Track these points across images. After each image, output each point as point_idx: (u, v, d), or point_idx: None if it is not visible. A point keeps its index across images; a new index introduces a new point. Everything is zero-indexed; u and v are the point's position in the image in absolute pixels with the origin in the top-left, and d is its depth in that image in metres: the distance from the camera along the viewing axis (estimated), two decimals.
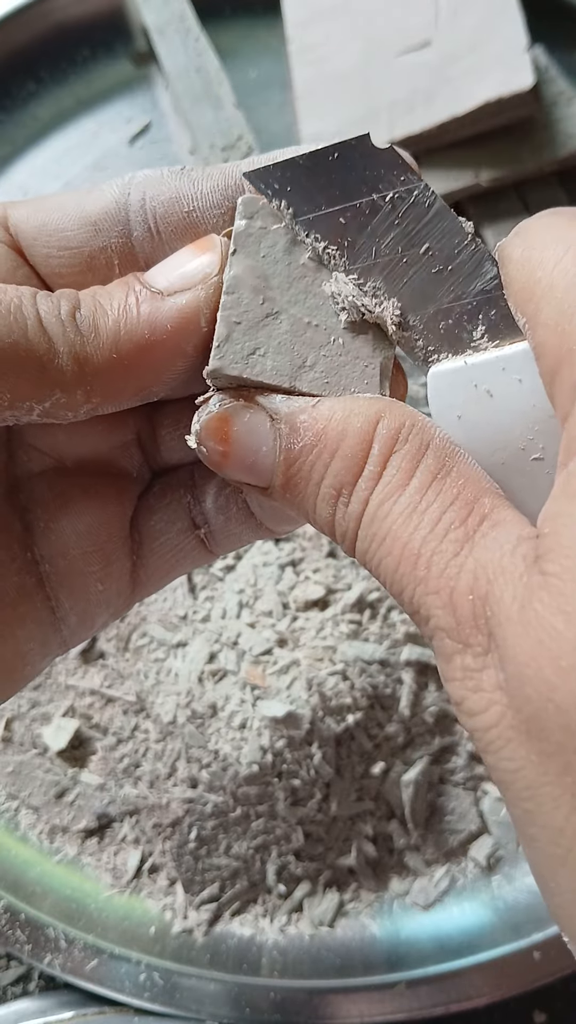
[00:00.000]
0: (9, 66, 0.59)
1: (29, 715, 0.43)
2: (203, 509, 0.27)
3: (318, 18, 0.55)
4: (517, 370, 0.21)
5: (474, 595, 0.19)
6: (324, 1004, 0.37)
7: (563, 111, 0.52)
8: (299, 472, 0.22)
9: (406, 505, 0.20)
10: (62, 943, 0.38)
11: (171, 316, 0.22)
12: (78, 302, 0.22)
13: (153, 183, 0.24)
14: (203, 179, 0.24)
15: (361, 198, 0.22)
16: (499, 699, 0.18)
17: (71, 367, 0.22)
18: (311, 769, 0.40)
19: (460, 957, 0.38)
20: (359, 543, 0.21)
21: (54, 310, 0.22)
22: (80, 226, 0.24)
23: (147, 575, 0.28)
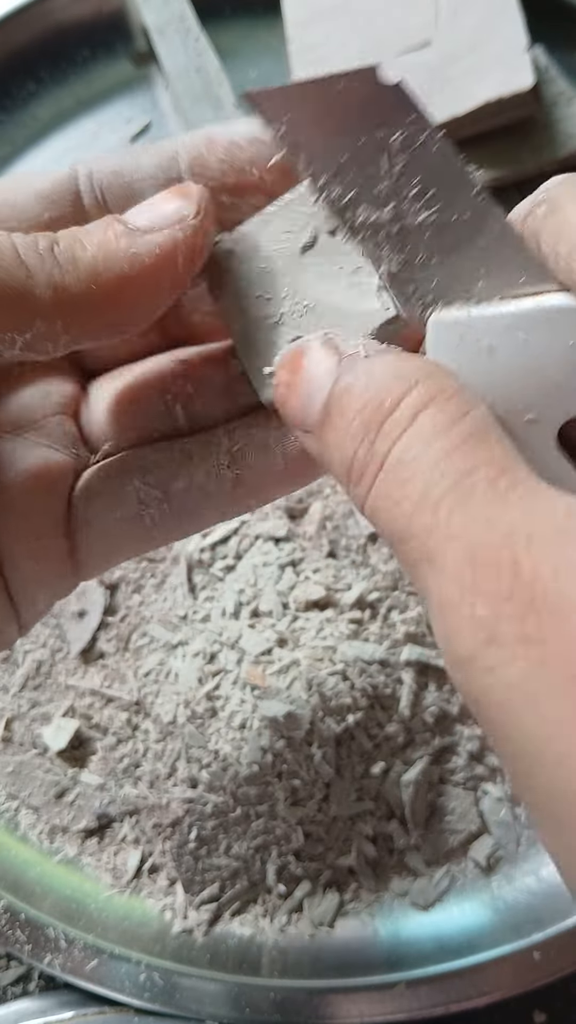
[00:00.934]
0: (9, 66, 0.59)
1: (29, 715, 0.43)
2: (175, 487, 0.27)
3: (318, 18, 0.55)
4: (523, 329, 0.21)
5: (504, 543, 0.18)
6: (324, 1004, 0.37)
7: (563, 111, 0.52)
8: (338, 405, 0.22)
9: (436, 454, 0.20)
10: (62, 943, 0.38)
11: (149, 251, 0.23)
12: (56, 238, 0.23)
13: (98, 160, 0.25)
14: (142, 153, 0.25)
15: (364, 135, 0.21)
16: (524, 653, 0.17)
17: (50, 295, 0.22)
18: (311, 769, 0.40)
19: (460, 957, 0.38)
20: (376, 485, 0.20)
21: (32, 244, 0.22)
22: (35, 199, 0.25)
23: (86, 557, 0.28)
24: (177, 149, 0.25)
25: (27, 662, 0.44)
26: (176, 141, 0.25)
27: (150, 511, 0.27)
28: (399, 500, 0.20)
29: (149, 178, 0.25)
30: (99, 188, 0.25)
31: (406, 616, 0.43)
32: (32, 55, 0.59)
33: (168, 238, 0.23)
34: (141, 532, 0.28)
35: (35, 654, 0.44)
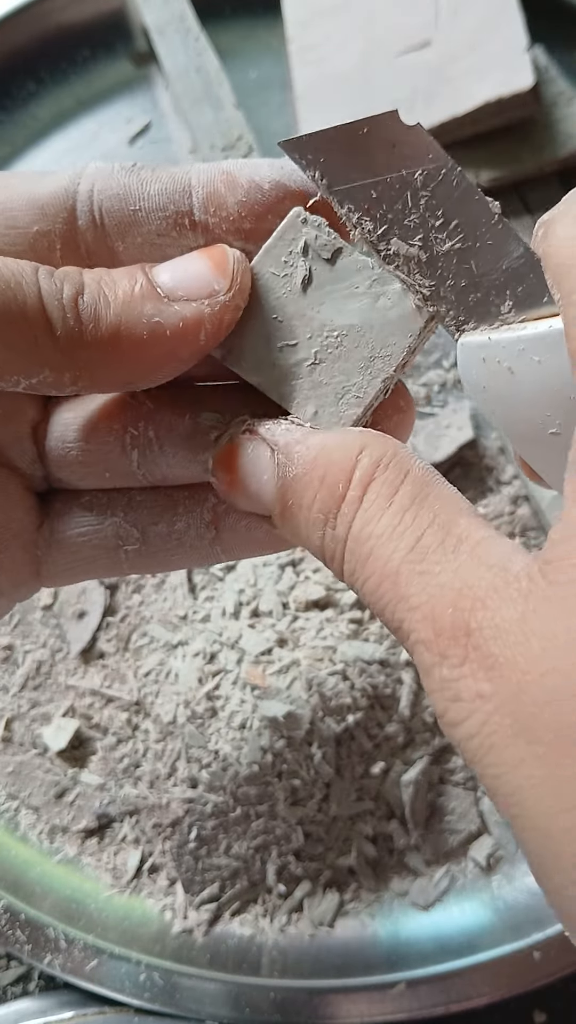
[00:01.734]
0: (9, 66, 0.59)
1: (29, 715, 0.43)
2: None
3: (318, 18, 0.55)
4: (537, 352, 0.22)
5: (454, 608, 0.20)
6: (324, 1004, 0.37)
7: (563, 111, 0.52)
8: (293, 500, 0.23)
9: (386, 527, 0.21)
10: (62, 943, 0.38)
11: (172, 324, 0.22)
12: (82, 286, 0.22)
13: (103, 176, 0.24)
14: (152, 180, 0.24)
15: (391, 173, 0.23)
16: (480, 707, 0.19)
17: (65, 351, 0.22)
18: (311, 769, 0.40)
19: (460, 957, 0.38)
20: (346, 565, 0.22)
21: (56, 292, 0.22)
22: (28, 208, 0.24)
23: (51, 573, 0.28)
24: (191, 180, 0.24)
25: (27, 662, 0.44)
26: (190, 171, 0.24)
27: (125, 547, 0.27)
28: (366, 577, 0.21)
29: (156, 209, 0.24)
30: (99, 208, 0.24)
31: None
32: (32, 55, 0.59)
33: (195, 313, 0.23)
34: (112, 562, 0.28)
35: (35, 654, 0.44)
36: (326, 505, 0.22)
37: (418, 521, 0.21)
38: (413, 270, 0.23)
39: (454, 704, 0.19)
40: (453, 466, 0.46)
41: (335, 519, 0.22)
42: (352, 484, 0.22)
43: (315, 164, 0.23)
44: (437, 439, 0.46)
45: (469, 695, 0.19)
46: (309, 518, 0.23)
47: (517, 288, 0.23)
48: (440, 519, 0.21)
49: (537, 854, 0.18)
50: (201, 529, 0.27)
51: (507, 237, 0.23)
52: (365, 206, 0.23)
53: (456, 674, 0.19)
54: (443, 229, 0.23)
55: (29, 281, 0.21)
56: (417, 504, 0.21)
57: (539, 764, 0.18)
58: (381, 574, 0.21)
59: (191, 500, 0.27)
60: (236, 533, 0.27)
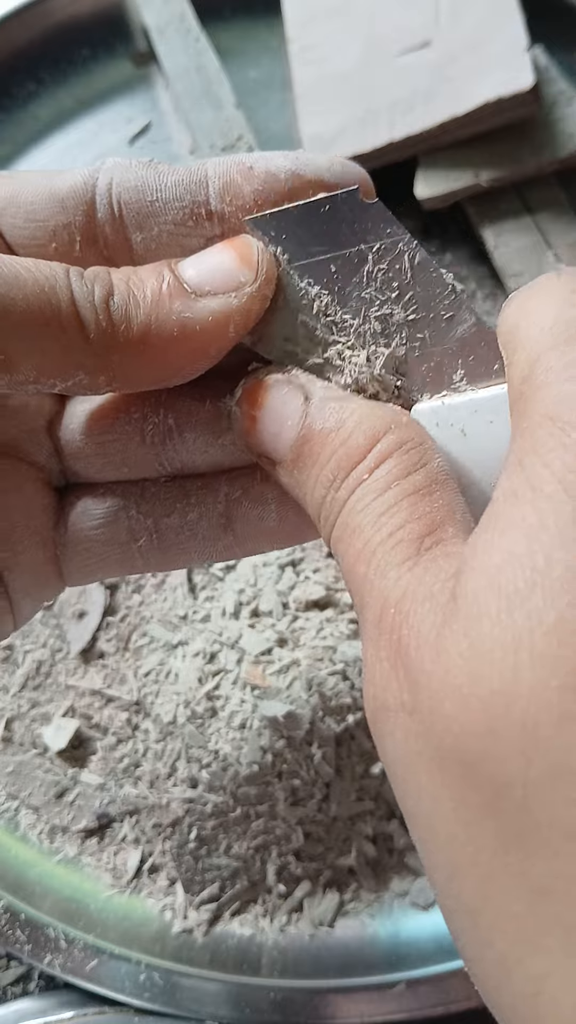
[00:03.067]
0: (9, 66, 0.59)
1: (29, 715, 0.43)
2: None
3: (318, 18, 0.55)
4: (489, 412, 0.23)
5: (396, 610, 0.19)
6: (324, 1004, 0.37)
7: (563, 111, 0.52)
8: (310, 451, 0.23)
9: (381, 505, 0.21)
10: (62, 943, 0.38)
11: (202, 319, 0.23)
12: (112, 287, 0.22)
13: (121, 170, 0.24)
14: (168, 173, 0.24)
15: (350, 248, 0.24)
16: (403, 721, 0.18)
17: (99, 354, 0.22)
18: (311, 769, 0.40)
19: (460, 957, 0.38)
20: (335, 530, 0.22)
21: (88, 294, 0.22)
22: (48, 201, 0.24)
23: (71, 573, 0.28)
24: (207, 171, 0.24)
25: (27, 662, 0.44)
26: (206, 163, 0.24)
27: (139, 542, 0.27)
28: (347, 549, 0.21)
29: (173, 200, 0.24)
30: (117, 201, 0.24)
31: None
32: (32, 55, 0.59)
33: (223, 306, 0.23)
34: (126, 558, 0.28)
35: (35, 654, 0.44)
36: (339, 466, 0.22)
37: (412, 510, 0.21)
38: (368, 341, 0.24)
39: (383, 714, 0.19)
40: None
41: (341, 483, 0.22)
42: (370, 455, 0.22)
43: (278, 240, 0.24)
44: None
45: (395, 705, 0.19)
46: (319, 475, 0.23)
47: (469, 357, 0.24)
48: (431, 517, 0.21)
49: (445, 897, 0.18)
50: (214, 520, 0.27)
51: (460, 307, 0.24)
52: (324, 279, 0.24)
53: (385, 680, 0.19)
54: (397, 301, 0.24)
55: (62, 285, 0.22)
56: (419, 496, 0.21)
57: (447, 792, 0.17)
58: (359, 550, 0.21)
59: (204, 491, 0.27)
60: (248, 523, 0.27)
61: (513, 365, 0.21)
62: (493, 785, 0.16)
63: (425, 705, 0.18)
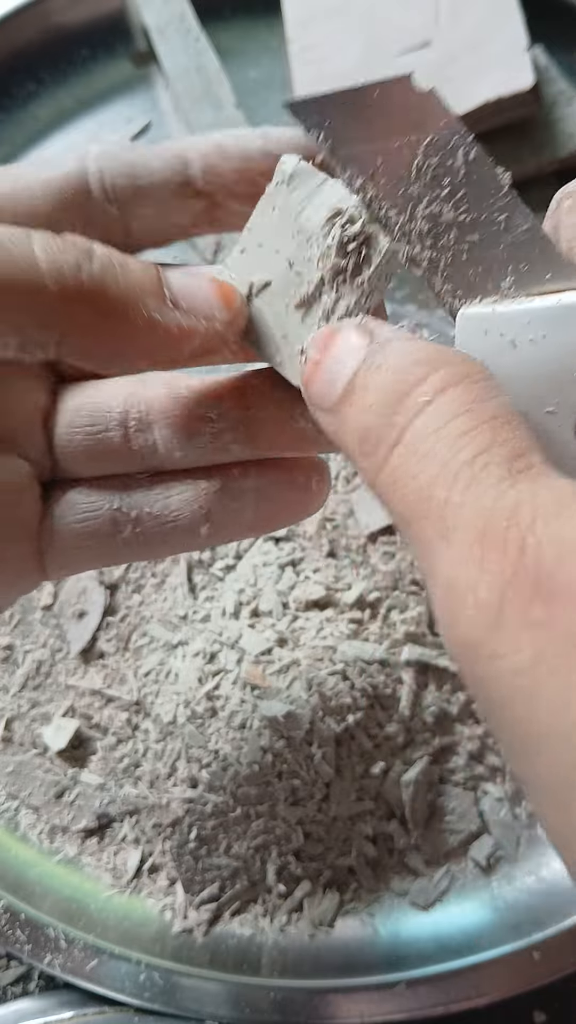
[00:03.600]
0: (9, 66, 0.59)
1: (29, 715, 0.43)
2: None
3: (318, 18, 0.55)
4: (542, 325, 0.22)
5: (510, 523, 0.18)
6: (324, 1004, 0.37)
7: (563, 111, 0.52)
8: (364, 383, 0.21)
9: (457, 428, 0.19)
10: (62, 943, 0.38)
11: (167, 325, 0.23)
12: (91, 254, 0.23)
13: (108, 156, 0.25)
14: (153, 156, 0.26)
15: (399, 139, 0.22)
16: (531, 638, 0.17)
17: (59, 307, 0.22)
18: (311, 769, 0.40)
19: (460, 957, 0.38)
20: (394, 457, 0.20)
21: (61, 252, 0.22)
22: (45, 193, 0.25)
23: (52, 563, 0.28)
24: (187, 154, 0.26)
25: (27, 662, 0.44)
26: (185, 144, 0.26)
27: (122, 535, 0.28)
28: (416, 474, 0.19)
29: (162, 182, 0.26)
30: (111, 187, 0.25)
31: (406, 616, 0.43)
32: (32, 55, 0.59)
33: (192, 325, 0.24)
34: (109, 550, 0.28)
35: (35, 654, 0.44)
36: (395, 390, 0.21)
37: (493, 435, 0.19)
38: (414, 240, 0.23)
39: (493, 634, 0.17)
40: None
41: (397, 407, 0.20)
42: (429, 379, 0.20)
43: (320, 126, 0.23)
44: None
45: (517, 623, 0.17)
46: (369, 403, 0.21)
47: (520, 264, 0.22)
48: (515, 443, 0.19)
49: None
50: (194, 512, 0.28)
51: (514, 210, 0.22)
52: (369, 171, 0.23)
53: (498, 596, 0.17)
54: (448, 199, 0.22)
55: (22, 242, 0.22)
56: (498, 422, 0.20)
57: None
58: (435, 476, 0.19)
59: (185, 485, 0.28)
60: (227, 515, 0.28)
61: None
62: None
63: (569, 617, 0.16)
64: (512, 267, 0.22)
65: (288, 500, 0.28)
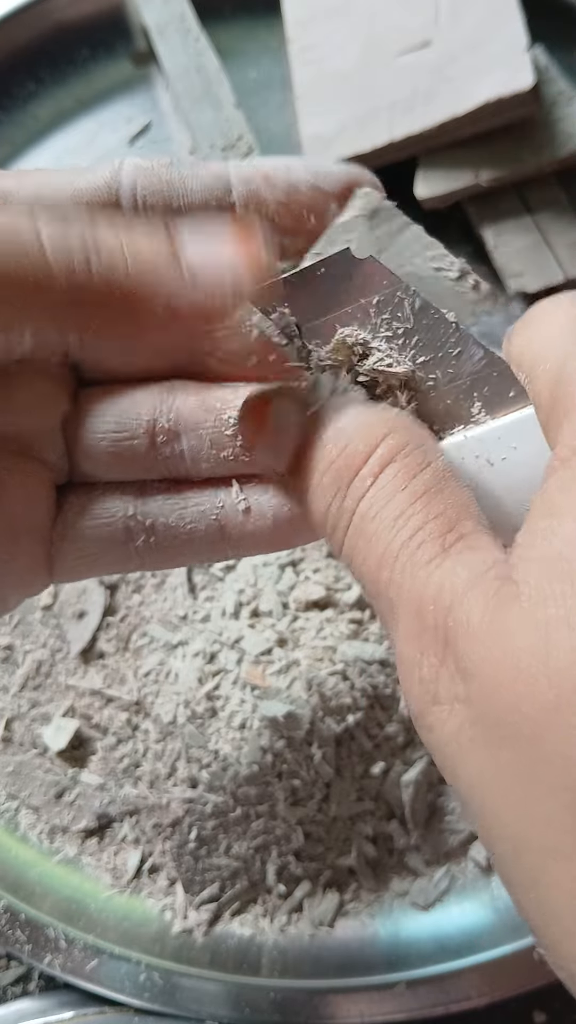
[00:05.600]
0: (9, 66, 0.59)
1: (29, 715, 0.43)
2: None
3: (318, 18, 0.55)
4: (512, 438, 0.24)
5: (435, 605, 0.19)
6: (324, 1004, 0.37)
7: (563, 111, 0.52)
8: (310, 461, 0.23)
9: (394, 510, 0.21)
10: (62, 943, 0.38)
11: (184, 304, 0.22)
12: (97, 245, 0.22)
13: (144, 172, 0.24)
14: (192, 177, 0.25)
15: (351, 304, 0.24)
16: (457, 712, 0.19)
17: (71, 305, 0.22)
18: (311, 769, 0.40)
19: (460, 957, 0.38)
20: (347, 539, 0.22)
21: (65, 244, 0.21)
22: (73, 203, 0.24)
23: (62, 566, 0.28)
24: (231, 178, 0.25)
25: (27, 662, 0.44)
26: (228, 168, 0.25)
27: (136, 543, 0.27)
28: (366, 556, 0.21)
29: (198, 205, 0.25)
30: (143, 204, 0.24)
31: None
32: (32, 55, 0.59)
33: (203, 297, 0.22)
34: (122, 557, 0.28)
35: (35, 654, 0.44)
36: (339, 474, 0.22)
37: (427, 510, 0.21)
38: (386, 391, 0.25)
39: (433, 707, 0.19)
40: None
41: (346, 490, 0.22)
42: (371, 460, 0.22)
43: (282, 305, 0.25)
44: None
45: (447, 697, 0.19)
46: (320, 483, 0.23)
47: (483, 389, 0.24)
48: (447, 514, 0.21)
49: (513, 874, 0.18)
50: (210, 526, 0.27)
51: (467, 343, 0.24)
52: (331, 341, 0.25)
53: (434, 674, 0.19)
54: (405, 347, 0.24)
55: (27, 231, 0.21)
56: (431, 495, 0.21)
57: (513, 772, 0.17)
58: (381, 556, 0.21)
59: (201, 498, 0.27)
60: (243, 531, 0.27)
61: (537, 378, 0.21)
62: (565, 759, 0.17)
63: (482, 691, 0.18)
64: (477, 394, 0.24)
65: (305, 517, 0.28)
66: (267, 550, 0.28)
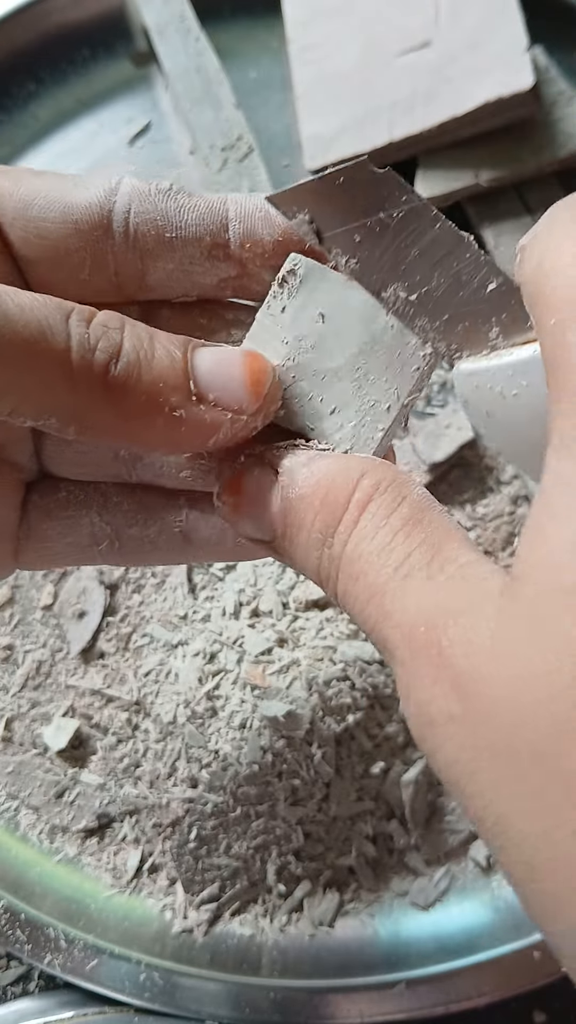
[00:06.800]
0: (9, 66, 0.59)
1: (29, 715, 0.43)
2: None
3: (318, 18, 0.55)
4: (523, 375, 0.23)
5: (427, 627, 0.19)
6: (324, 1004, 0.37)
7: (563, 111, 0.52)
8: (293, 520, 0.23)
9: (378, 545, 0.21)
10: (62, 943, 0.38)
11: (191, 422, 0.23)
12: (120, 350, 0.22)
13: (140, 197, 0.24)
14: (189, 208, 0.24)
15: (370, 217, 0.24)
16: (454, 732, 0.18)
17: (81, 405, 0.22)
18: (311, 769, 0.40)
19: (460, 957, 0.38)
20: (339, 584, 0.22)
21: (88, 347, 0.21)
22: (62, 221, 0.24)
23: (28, 560, 0.28)
24: (228, 212, 0.24)
25: (27, 662, 0.44)
26: (226, 201, 0.24)
27: (99, 547, 0.28)
28: (356, 596, 0.21)
29: (192, 239, 0.24)
30: (134, 231, 0.24)
31: None
32: (32, 55, 0.59)
33: (216, 421, 0.23)
34: (87, 556, 0.28)
35: (35, 654, 0.44)
36: (325, 525, 0.22)
37: (409, 541, 0.21)
38: (406, 309, 0.24)
39: (430, 730, 0.19)
40: (453, 467, 0.46)
41: (332, 539, 0.22)
42: (351, 505, 0.22)
43: (299, 214, 0.24)
44: (437, 439, 0.46)
45: (442, 718, 0.18)
46: (308, 539, 0.23)
47: (501, 315, 0.24)
48: (430, 540, 0.21)
49: (528, 892, 0.18)
50: (173, 535, 0.28)
51: (486, 267, 0.24)
52: (352, 250, 0.24)
53: (428, 695, 0.19)
54: (425, 267, 0.24)
55: (58, 329, 0.21)
56: (411, 526, 0.21)
57: (522, 790, 0.17)
58: (370, 592, 0.21)
59: (164, 509, 0.28)
60: (206, 541, 0.28)
61: (542, 330, 0.20)
62: (567, 774, 0.16)
63: (480, 710, 0.18)
64: (495, 319, 0.24)
65: None
66: (234, 560, 0.29)
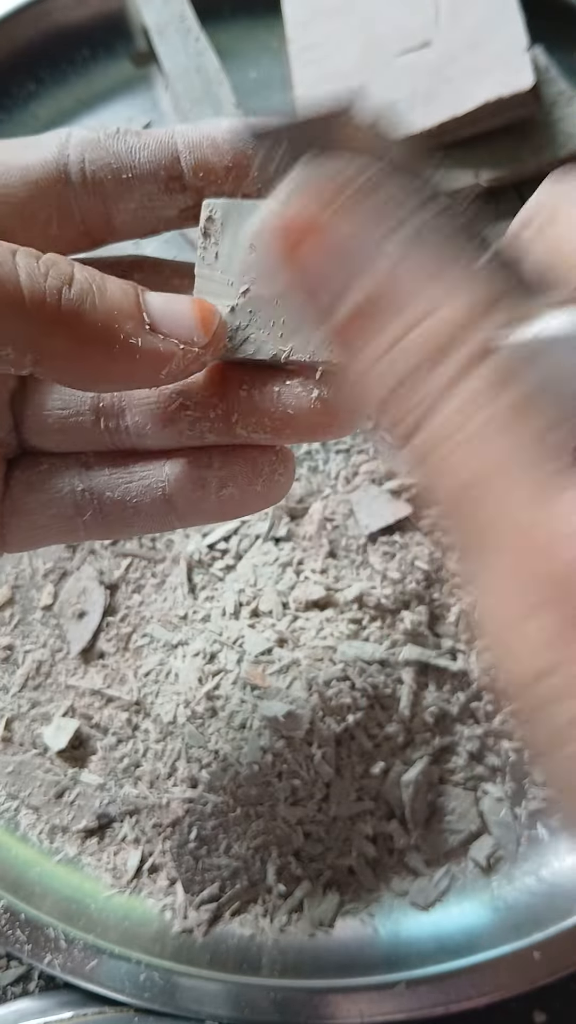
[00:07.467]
0: (9, 66, 0.59)
1: (29, 715, 0.43)
2: None
3: (318, 18, 0.55)
4: None
5: (562, 548, 0.15)
6: (324, 1004, 0.37)
7: (563, 111, 0.52)
8: (383, 308, 0.17)
9: (482, 426, 0.16)
10: (62, 943, 0.38)
11: (144, 350, 0.23)
12: (71, 279, 0.23)
13: (91, 145, 0.25)
14: (140, 148, 0.25)
15: None
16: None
17: (35, 332, 0.22)
18: (311, 769, 0.40)
19: (460, 957, 0.38)
20: (424, 439, 0.17)
21: (40, 276, 0.22)
22: (23, 183, 0.25)
23: (12, 539, 0.28)
24: (178, 146, 0.25)
25: (27, 662, 0.44)
26: (174, 134, 0.25)
27: (84, 517, 0.28)
28: (452, 465, 0.16)
29: (148, 175, 0.25)
30: (92, 179, 0.25)
31: (406, 616, 0.43)
32: (32, 55, 0.59)
33: (169, 350, 0.23)
34: (70, 529, 0.28)
35: (35, 654, 0.44)
36: (428, 341, 0.16)
37: (517, 432, 0.16)
38: None
39: (546, 679, 0.15)
40: None
41: (434, 365, 0.16)
42: (475, 335, 0.16)
43: (277, 150, 0.23)
44: None
45: (571, 661, 0.14)
46: (394, 351, 0.17)
47: None
48: (544, 437, 0.16)
49: None
50: (156, 498, 0.28)
51: (479, 225, 0.20)
52: None
53: (552, 638, 0.15)
54: None
55: (6, 262, 0.22)
56: (520, 410, 0.16)
57: None
58: (475, 471, 0.16)
59: (147, 472, 0.28)
60: (189, 503, 0.28)
61: None
62: None
63: None
64: None
65: (251, 489, 0.28)
66: (217, 521, 0.29)
